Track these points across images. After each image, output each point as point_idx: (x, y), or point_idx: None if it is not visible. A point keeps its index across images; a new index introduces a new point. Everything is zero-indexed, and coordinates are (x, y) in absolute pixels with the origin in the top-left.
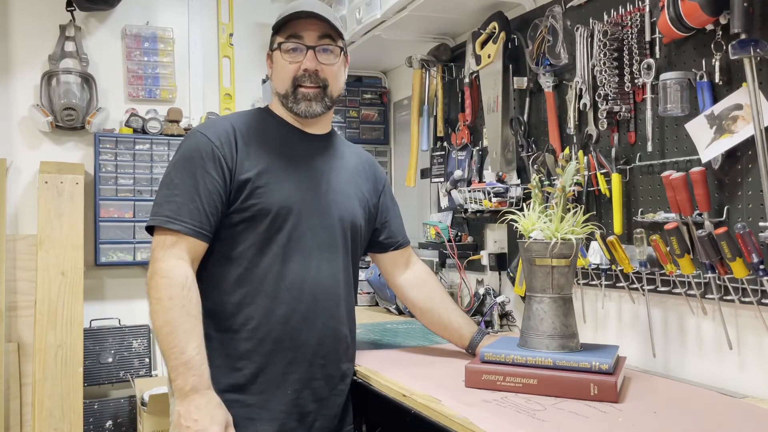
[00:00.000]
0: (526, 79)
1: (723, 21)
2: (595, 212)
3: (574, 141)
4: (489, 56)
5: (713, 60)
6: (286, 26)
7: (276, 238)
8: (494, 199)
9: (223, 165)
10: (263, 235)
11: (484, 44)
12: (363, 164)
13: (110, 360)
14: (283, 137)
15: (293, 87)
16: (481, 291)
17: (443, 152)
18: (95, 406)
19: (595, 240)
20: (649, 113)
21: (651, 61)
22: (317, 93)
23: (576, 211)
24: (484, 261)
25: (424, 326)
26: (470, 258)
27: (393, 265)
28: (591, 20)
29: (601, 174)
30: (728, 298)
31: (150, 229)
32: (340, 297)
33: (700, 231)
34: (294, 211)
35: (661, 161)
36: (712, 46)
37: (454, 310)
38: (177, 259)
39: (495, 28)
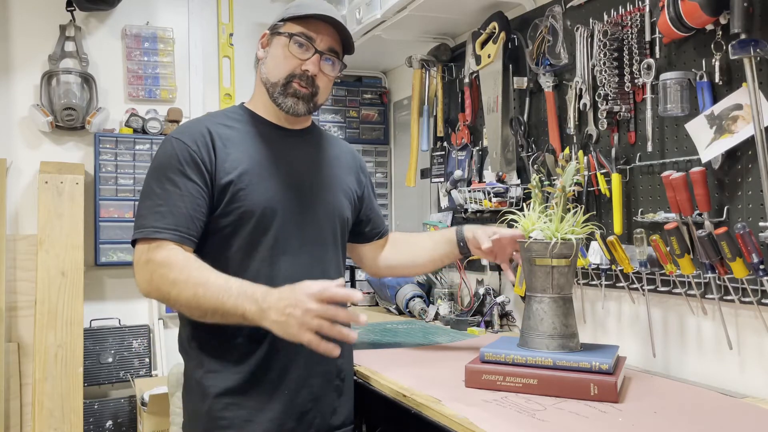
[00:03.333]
0: (526, 79)
1: (723, 21)
2: (595, 212)
3: (574, 141)
4: (489, 56)
5: (713, 60)
6: (303, 21)
7: (263, 240)
8: (494, 199)
9: (203, 169)
10: (249, 237)
11: (484, 44)
12: (345, 156)
13: (110, 360)
14: (262, 135)
15: (287, 80)
16: (481, 291)
17: (443, 152)
18: (95, 406)
19: (595, 240)
20: (649, 113)
21: (651, 61)
22: (306, 95)
23: (576, 211)
24: (484, 261)
25: (423, 273)
26: (470, 258)
27: (374, 252)
28: (591, 20)
29: (601, 174)
30: (728, 298)
31: (135, 243)
32: None
33: (700, 231)
34: (279, 210)
35: (661, 161)
36: (712, 46)
37: (427, 234)
38: (168, 251)
39: (495, 28)
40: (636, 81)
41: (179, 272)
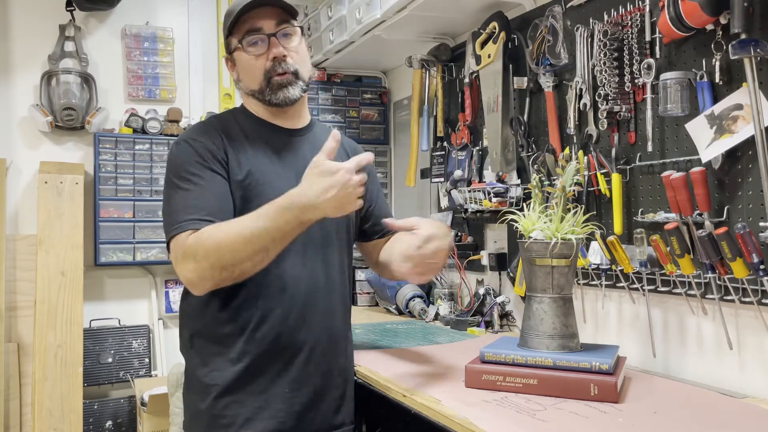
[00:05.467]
0: (526, 79)
1: (723, 21)
2: (595, 212)
3: (574, 141)
4: (489, 56)
5: (713, 60)
6: (240, 24)
7: None
8: (494, 199)
9: (223, 165)
10: None
11: (484, 44)
12: (347, 152)
13: (110, 360)
14: (264, 137)
15: (266, 80)
16: (481, 291)
17: (443, 152)
18: (95, 406)
19: (595, 240)
20: (649, 113)
21: (651, 61)
22: (291, 79)
23: (576, 211)
24: (484, 261)
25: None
26: (470, 258)
27: (374, 249)
28: (591, 20)
29: (601, 174)
30: (728, 298)
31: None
32: (336, 293)
33: (700, 231)
34: None
35: (661, 161)
36: (712, 46)
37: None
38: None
39: (495, 28)
40: (636, 81)
41: (208, 235)
